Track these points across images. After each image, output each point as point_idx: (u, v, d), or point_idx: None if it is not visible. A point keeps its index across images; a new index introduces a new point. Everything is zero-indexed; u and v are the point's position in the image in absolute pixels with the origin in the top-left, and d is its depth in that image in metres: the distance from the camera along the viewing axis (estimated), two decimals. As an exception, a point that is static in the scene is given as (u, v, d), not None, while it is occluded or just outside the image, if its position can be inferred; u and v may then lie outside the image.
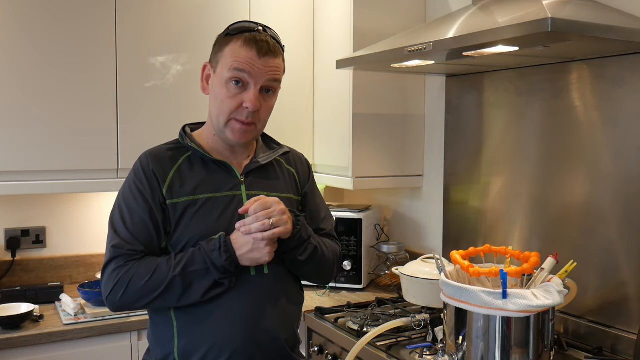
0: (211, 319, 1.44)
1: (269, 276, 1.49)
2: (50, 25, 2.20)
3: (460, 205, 2.40)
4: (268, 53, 1.45)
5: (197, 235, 1.45)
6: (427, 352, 1.75)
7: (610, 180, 1.82)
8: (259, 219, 1.38)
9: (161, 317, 1.48)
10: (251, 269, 1.46)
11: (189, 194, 1.46)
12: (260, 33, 1.47)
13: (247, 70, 1.44)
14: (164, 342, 1.47)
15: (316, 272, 1.60)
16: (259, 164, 1.55)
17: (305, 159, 1.73)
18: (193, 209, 1.45)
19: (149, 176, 1.46)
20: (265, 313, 1.48)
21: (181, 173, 1.48)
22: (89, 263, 2.62)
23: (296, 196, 1.61)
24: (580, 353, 1.80)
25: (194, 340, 1.44)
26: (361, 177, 2.49)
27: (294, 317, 1.59)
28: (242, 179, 1.52)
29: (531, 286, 1.45)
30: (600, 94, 1.84)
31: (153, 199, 1.45)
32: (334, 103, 2.58)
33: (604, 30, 1.51)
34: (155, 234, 1.45)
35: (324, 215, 1.68)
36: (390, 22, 2.47)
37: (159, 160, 1.49)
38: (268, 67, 1.45)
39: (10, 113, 2.15)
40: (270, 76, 1.46)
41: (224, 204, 1.47)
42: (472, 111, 2.32)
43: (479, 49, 1.69)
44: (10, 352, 1.94)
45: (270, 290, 1.49)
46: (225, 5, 2.48)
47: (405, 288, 2.06)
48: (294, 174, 1.64)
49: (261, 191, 1.51)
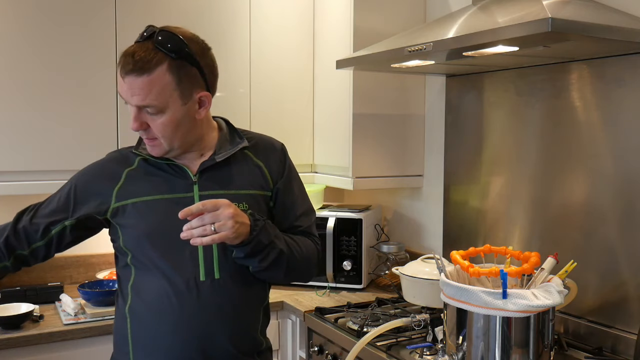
0: (158, 327, 1.43)
1: (220, 282, 1.44)
2: (50, 26, 2.19)
3: (460, 205, 2.40)
4: (130, 72, 1.32)
5: (144, 235, 1.43)
6: (427, 352, 1.75)
7: (610, 180, 1.82)
8: (204, 221, 1.30)
9: (119, 319, 1.51)
10: (200, 273, 1.42)
11: (138, 195, 1.45)
12: (136, 44, 1.35)
13: (119, 91, 1.38)
14: (122, 344, 1.49)
15: (285, 275, 1.50)
16: (215, 161, 1.46)
17: (279, 145, 1.59)
18: (141, 211, 1.44)
19: (104, 173, 1.50)
20: (213, 322, 1.43)
21: (132, 176, 1.47)
22: (89, 263, 2.62)
23: (263, 191, 1.52)
24: (580, 353, 1.80)
25: (144, 345, 1.45)
26: (361, 177, 2.49)
27: (252, 321, 1.52)
28: (195, 179, 1.46)
29: (531, 286, 1.45)
30: (600, 94, 1.84)
31: (82, 205, 1.48)
32: (334, 103, 2.58)
33: (604, 30, 1.51)
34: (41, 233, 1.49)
35: (301, 212, 1.57)
36: (390, 22, 2.47)
37: (109, 166, 1.51)
38: (131, 89, 1.33)
39: (11, 114, 2.15)
40: (136, 100, 1.33)
41: (172, 205, 1.42)
42: (472, 111, 2.32)
43: (479, 49, 1.69)
44: (10, 352, 1.94)
45: (221, 297, 1.44)
46: (225, 5, 2.48)
47: (405, 288, 2.06)
48: (261, 167, 1.53)
49: (217, 190, 1.45)
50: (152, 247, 1.43)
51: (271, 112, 2.59)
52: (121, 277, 1.52)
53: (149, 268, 1.44)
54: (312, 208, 1.64)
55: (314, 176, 2.75)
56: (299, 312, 2.25)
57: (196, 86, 1.39)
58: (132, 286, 1.47)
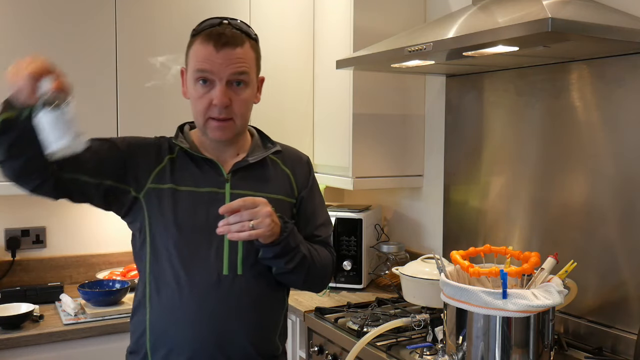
0: (177, 318, 1.43)
1: (242, 278, 1.45)
2: (50, 26, 2.20)
3: (460, 205, 2.40)
4: (226, 45, 1.40)
5: (173, 224, 1.44)
6: (427, 352, 1.75)
7: (610, 181, 1.82)
8: (242, 217, 1.33)
9: (138, 308, 1.50)
10: (224, 267, 1.43)
11: (173, 183, 1.46)
12: (220, 26, 1.44)
13: (208, 69, 1.41)
14: (140, 332, 1.48)
15: (305, 281, 1.53)
16: (248, 162, 1.51)
17: (306, 159, 1.67)
18: (173, 199, 1.45)
19: (151, 150, 1.50)
20: (233, 319, 1.44)
21: (173, 163, 1.49)
22: (89, 263, 2.62)
23: (289, 198, 1.56)
24: (580, 353, 1.80)
25: (161, 335, 1.45)
26: (361, 177, 2.49)
27: (272, 324, 1.53)
28: (228, 177, 1.49)
29: (531, 286, 1.45)
30: (600, 94, 1.84)
31: (134, 165, 1.47)
32: (334, 103, 2.58)
33: (604, 30, 1.51)
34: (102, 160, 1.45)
35: (321, 222, 1.62)
36: (390, 22, 2.47)
37: (161, 146, 1.52)
38: (228, 59, 1.41)
39: (10, 113, 2.15)
40: (232, 69, 1.41)
41: (204, 199, 1.46)
42: (472, 111, 2.32)
43: (479, 49, 1.69)
44: (10, 352, 1.94)
45: (243, 293, 1.45)
46: (225, 5, 2.48)
47: (405, 288, 2.06)
48: (289, 176, 1.58)
49: (247, 191, 1.48)
50: (179, 236, 1.44)
51: (271, 112, 2.59)
52: (141, 267, 1.51)
53: (171, 257, 1.44)
54: (330, 221, 1.69)
55: (314, 176, 2.75)
56: (299, 312, 2.25)
57: (259, 69, 1.52)
58: (152, 275, 1.46)
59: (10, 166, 1.33)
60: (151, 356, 1.46)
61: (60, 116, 1.23)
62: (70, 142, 1.24)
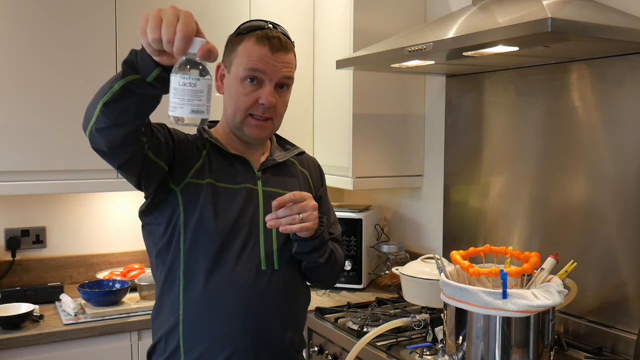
0: (215, 311, 1.43)
1: (279, 273, 1.49)
2: (50, 26, 2.20)
3: (460, 205, 2.40)
4: (280, 49, 1.46)
5: (210, 220, 1.44)
6: (427, 352, 1.75)
7: (610, 180, 1.82)
8: (292, 210, 1.39)
9: (167, 306, 1.46)
10: (261, 262, 1.46)
11: (211, 178, 1.48)
12: (271, 30, 1.49)
13: (262, 68, 1.45)
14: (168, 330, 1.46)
15: (327, 275, 1.61)
16: (275, 161, 1.57)
17: (317, 163, 1.75)
18: (212, 194, 1.46)
19: (191, 145, 1.49)
20: (271, 311, 1.47)
21: (209, 159, 1.51)
22: (89, 263, 2.62)
23: None
24: (580, 353, 1.80)
25: (197, 331, 1.44)
26: (361, 177, 2.49)
27: (301, 318, 1.59)
28: (259, 175, 1.53)
29: (531, 286, 1.45)
30: (600, 94, 1.84)
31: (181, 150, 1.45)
32: (334, 103, 2.58)
33: (604, 30, 1.51)
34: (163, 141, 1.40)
35: (333, 220, 1.69)
36: (390, 22, 2.47)
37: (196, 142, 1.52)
38: (281, 63, 1.47)
39: (10, 114, 2.15)
40: (283, 73, 1.48)
41: (241, 195, 1.49)
42: (472, 111, 2.32)
43: (479, 49, 1.69)
44: (10, 352, 1.94)
45: (279, 288, 1.49)
46: (225, 5, 2.48)
47: (405, 288, 2.06)
48: (307, 176, 1.66)
49: (277, 188, 1.53)
50: (216, 231, 1.44)
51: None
52: (167, 262, 1.47)
53: (208, 253, 1.44)
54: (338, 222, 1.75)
55: (314, 176, 2.75)
56: (299, 312, 2.25)
57: None
58: (186, 272, 1.45)
59: (110, 134, 1.22)
60: (184, 355, 1.44)
61: (200, 83, 1.07)
62: (204, 114, 1.09)
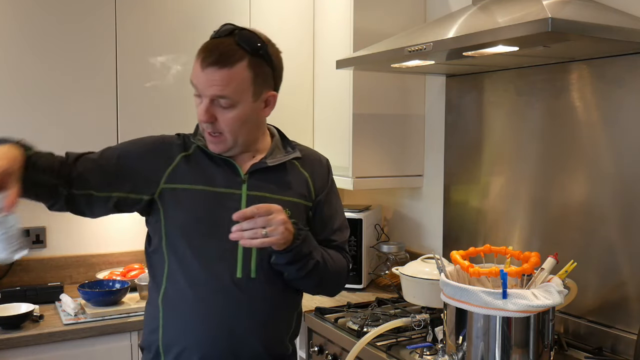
0: (191, 318, 1.43)
1: (256, 281, 1.44)
2: (50, 26, 2.20)
3: (460, 205, 2.40)
4: (211, 65, 1.35)
5: (188, 224, 1.44)
6: (427, 352, 1.75)
7: (610, 180, 1.82)
8: (256, 224, 1.31)
9: (152, 307, 1.50)
10: (237, 270, 1.43)
11: (188, 183, 1.45)
12: (213, 40, 1.39)
13: (194, 83, 1.40)
14: (152, 329, 1.49)
15: (316, 287, 1.55)
16: (266, 165, 1.50)
17: (325, 161, 1.65)
18: (188, 198, 1.44)
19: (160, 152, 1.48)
20: (245, 321, 1.44)
21: (188, 161, 1.48)
22: (89, 263, 2.62)
23: (305, 202, 1.54)
24: (580, 353, 1.80)
25: (174, 335, 1.45)
26: (361, 177, 2.49)
27: (284, 326, 1.53)
28: (245, 178, 1.48)
29: (531, 286, 1.45)
30: (600, 94, 1.84)
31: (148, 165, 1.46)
32: (334, 103, 2.58)
33: (604, 30, 1.51)
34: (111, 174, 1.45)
35: (337, 227, 1.61)
36: (390, 22, 2.47)
37: (172, 144, 1.50)
38: (210, 80, 1.36)
39: (10, 113, 2.15)
40: (213, 90, 1.36)
41: (219, 199, 1.45)
42: (472, 111, 2.32)
43: (479, 49, 1.69)
44: (10, 352, 1.94)
45: (257, 296, 1.45)
46: (225, 5, 2.48)
47: (405, 288, 2.06)
48: (307, 179, 1.56)
49: (264, 192, 1.47)
50: (195, 236, 1.44)
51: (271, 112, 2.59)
52: (154, 266, 1.50)
53: (185, 258, 1.44)
54: (347, 226, 1.68)
55: (314, 176, 2.75)
56: (299, 312, 2.25)
57: (267, 86, 1.45)
58: (168, 276, 1.46)
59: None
60: (164, 355, 1.46)
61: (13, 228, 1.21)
62: (7, 255, 1.20)
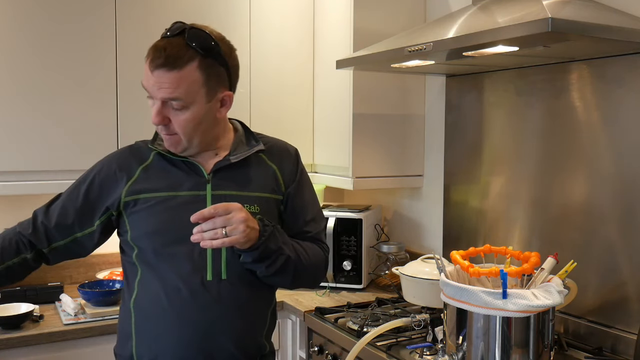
0: (162, 323, 1.43)
1: (227, 283, 1.43)
2: (50, 26, 2.19)
3: (460, 205, 2.40)
4: (159, 67, 1.32)
5: (153, 232, 1.43)
6: (427, 352, 1.75)
7: (610, 180, 1.82)
8: (215, 224, 1.29)
9: (124, 312, 1.50)
10: (208, 273, 1.42)
11: (150, 190, 1.45)
12: (167, 39, 1.35)
13: (144, 85, 1.38)
14: (125, 336, 1.49)
15: (292, 282, 1.51)
16: (229, 161, 1.47)
17: (294, 151, 1.61)
18: (152, 206, 1.44)
19: (113, 173, 1.48)
20: (217, 323, 1.43)
21: (147, 171, 1.47)
22: (89, 263, 2.62)
23: (275, 195, 1.52)
24: (580, 353, 1.80)
25: (147, 342, 1.45)
26: (361, 177, 2.49)
27: (258, 324, 1.52)
28: (209, 178, 1.46)
29: (531, 286, 1.45)
30: (600, 94, 1.84)
31: (99, 199, 1.48)
32: (334, 103, 2.58)
33: (604, 30, 1.51)
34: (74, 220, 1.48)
35: (311, 217, 1.57)
36: (390, 22, 2.47)
37: (125, 159, 1.50)
38: (160, 82, 1.33)
39: (10, 113, 2.15)
40: (163, 93, 1.34)
41: (184, 203, 1.43)
42: (472, 111, 2.32)
43: (479, 49, 1.69)
44: (10, 352, 1.94)
45: (229, 298, 1.43)
46: (225, 5, 2.48)
47: (405, 288, 2.06)
48: (275, 171, 1.53)
49: (230, 190, 1.45)
50: (161, 243, 1.43)
51: (271, 112, 2.59)
52: (127, 273, 1.51)
53: (155, 264, 1.44)
54: (322, 215, 1.64)
55: (314, 176, 2.75)
56: (299, 312, 2.25)
57: (221, 85, 1.42)
58: (139, 282, 1.46)
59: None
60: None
61: None
62: None
